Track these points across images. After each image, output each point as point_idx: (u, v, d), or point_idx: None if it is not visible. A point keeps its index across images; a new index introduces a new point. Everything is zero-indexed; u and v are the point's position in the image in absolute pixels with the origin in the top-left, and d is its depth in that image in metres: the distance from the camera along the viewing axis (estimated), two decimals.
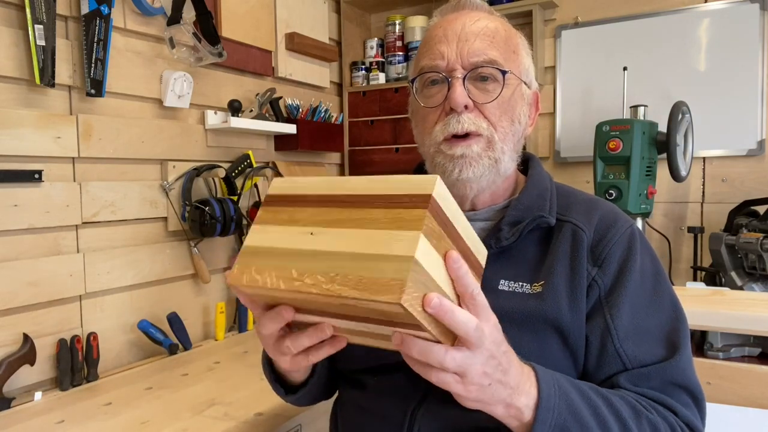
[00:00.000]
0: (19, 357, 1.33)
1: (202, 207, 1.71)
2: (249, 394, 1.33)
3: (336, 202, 0.62)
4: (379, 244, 0.56)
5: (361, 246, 0.57)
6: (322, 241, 0.59)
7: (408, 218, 0.56)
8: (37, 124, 1.39)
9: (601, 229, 0.84)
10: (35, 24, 1.35)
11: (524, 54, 0.89)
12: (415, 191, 0.58)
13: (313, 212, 0.63)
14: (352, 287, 0.54)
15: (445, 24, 0.86)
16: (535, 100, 0.91)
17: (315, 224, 0.61)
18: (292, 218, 0.64)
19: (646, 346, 0.79)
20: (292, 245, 0.61)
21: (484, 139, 0.83)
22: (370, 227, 0.58)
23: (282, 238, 0.62)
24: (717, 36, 2.11)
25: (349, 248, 0.57)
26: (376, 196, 0.60)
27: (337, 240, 0.58)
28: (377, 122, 2.53)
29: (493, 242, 0.83)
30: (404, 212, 0.57)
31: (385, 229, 0.57)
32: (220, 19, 1.88)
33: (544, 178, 0.91)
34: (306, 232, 0.61)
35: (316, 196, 0.64)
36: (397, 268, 0.53)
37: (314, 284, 0.56)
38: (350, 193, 0.62)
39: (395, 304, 0.51)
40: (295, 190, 0.66)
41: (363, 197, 0.61)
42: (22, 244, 1.38)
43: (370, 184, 0.61)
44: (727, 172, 2.12)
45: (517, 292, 0.82)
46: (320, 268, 0.57)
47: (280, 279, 0.59)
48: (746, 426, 1.15)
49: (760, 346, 1.43)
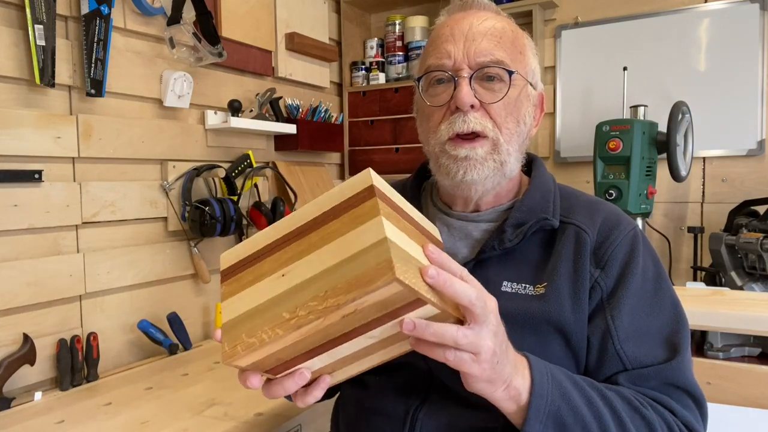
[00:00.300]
0: (19, 357, 1.33)
1: (202, 207, 1.71)
2: (249, 394, 1.33)
3: (291, 238, 0.62)
4: (350, 245, 0.56)
5: (334, 257, 0.57)
6: (297, 274, 0.59)
7: (363, 212, 0.57)
8: (37, 124, 1.39)
9: (604, 231, 0.84)
10: (35, 24, 1.35)
11: (531, 55, 0.88)
12: (357, 189, 0.60)
13: (274, 258, 0.62)
14: (346, 292, 0.54)
15: (452, 23, 0.85)
16: (540, 100, 0.91)
17: (282, 266, 0.61)
18: (256, 276, 0.63)
19: (647, 347, 0.79)
20: (270, 295, 0.60)
21: (489, 141, 0.82)
22: (334, 239, 0.58)
23: (256, 296, 0.62)
24: (717, 36, 2.11)
25: (325, 265, 0.57)
26: (325, 213, 0.61)
27: (310, 266, 0.59)
28: (377, 122, 2.53)
29: (496, 243, 0.83)
30: (357, 210, 0.58)
31: (349, 232, 0.57)
32: (220, 19, 1.88)
33: (547, 179, 0.91)
34: (277, 277, 0.61)
35: (269, 244, 0.64)
36: (377, 253, 0.54)
37: (310, 312, 0.56)
38: (300, 224, 0.62)
39: (392, 282, 0.52)
40: (244, 253, 0.66)
41: (313, 221, 0.61)
42: (22, 244, 1.38)
43: (314, 207, 0.62)
44: (727, 172, 2.13)
45: (520, 294, 0.82)
46: (307, 296, 0.57)
47: (275, 328, 0.58)
48: (746, 426, 1.15)
49: (760, 346, 1.43)
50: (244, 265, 0.65)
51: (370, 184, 0.59)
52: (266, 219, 1.94)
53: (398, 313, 0.58)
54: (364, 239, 0.56)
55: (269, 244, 0.64)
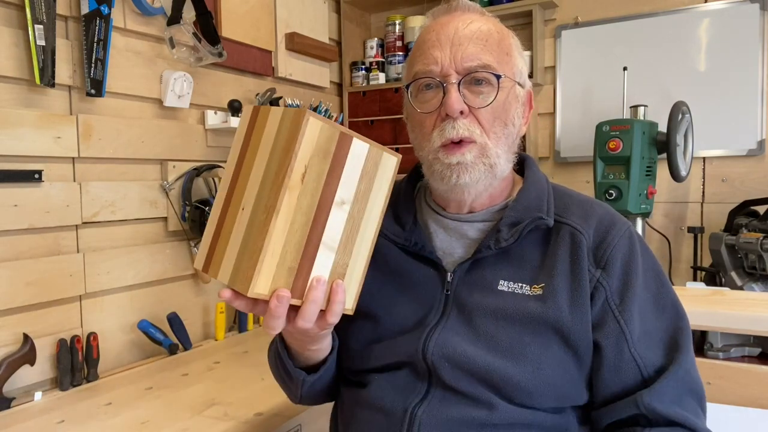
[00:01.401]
0: (19, 357, 1.33)
1: (202, 207, 1.71)
2: (249, 394, 1.33)
3: (233, 186, 0.72)
4: (273, 135, 0.68)
5: (266, 153, 0.67)
6: (250, 193, 0.68)
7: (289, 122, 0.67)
8: (37, 124, 1.39)
9: (600, 231, 0.84)
10: (35, 24, 1.35)
11: (517, 54, 0.88)
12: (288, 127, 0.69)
13: (230, 213, 0.71)
14: (286, 156, 0.64)
15: (437, 27, 0.86)
16: (528, 98, 0.92)
17: (237, 206, 0.69)
18: (224, 236, 0.71)
19: (655, 347, 0.81)
20: (242, 227, 0.67)
21: (477, 146, 0.83)
22: (260, 146, 0.69)
23: (233, 242, 0.69)
24: (717, 36, 2.11)
25: (263, 164, 0.67)
26: (245, 144, 0.72)
27: (255, 178, 0.68)
28: (377, 122, 2.53)
29: (492, 243, 0.84)
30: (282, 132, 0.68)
31: (271, 133, 0.68)
32: (220, 19, 1.88)
33: (540, 179, 0.92)
34: (239, 215, 0.69)
35: (221, 211, 0.72)
36: (293, 115, 0.65)
37: (276, 195, 0.64)
38: (232, 169, 0.73)
39: (308, 120, 0.63)
40: (206, 241, 0.73)
41: (240, 155, 0.72)
42: (22, 244, 1.38)
43: (232, 150, 0.74)
44: (727, 172, 2.12)
45: (517, 293, 0.82)
46: (266, 189, 0.66)
47: (262, 232, 0.64)
48: (746, 426, 1.15)
49: (760, 346, 1.43)
50: (213, 245, 0.71)
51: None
52: None
53: (340, 158, 0.68)
54: (283, 119, 0.66)
55: (222, 210, 0.71)
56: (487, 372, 0.78)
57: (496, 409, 0.78)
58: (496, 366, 0.78)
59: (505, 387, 0.78)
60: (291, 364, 0.88)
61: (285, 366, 0.89)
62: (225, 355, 1.66)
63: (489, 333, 0.81)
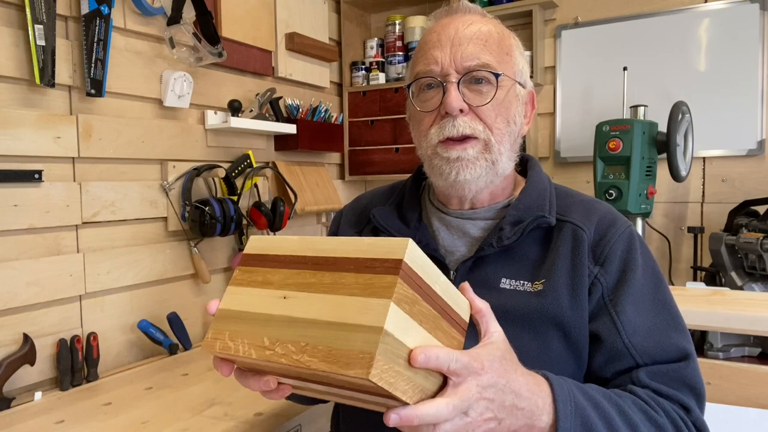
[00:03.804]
0: (19, 357, 1.33)
1: (202, 207, 1.71)
2: (249, 394, 1.33)
3: (309, 264, 0.62)
4: (350, 312, 0.55)
5: (332, 313, 0.56)
6: (295, 306, 0.59)
7: (379, 285, 0.55)
8: (37, 124, 1.39)
9: (601, 228, 0.86)
10: (35, 24, 1.35)
11: (517, 54, 0.89)
12: (386, 255, 0.56)
13: (286, 275, 0.63)
14: (322, 359, 0.53)
15: (438, 29, 0.87)
16: (530, 98, 0.93)
17: (288, 287, 0.61)
18: (266, 280, 0.64)
19: (655, 342, 0.81)
20: (265, 310, 0.61)
21: (480, 142, 0.84)
22: (341, 293, 0.57)
23: (255, 302, 0.63)
24: (717, 36, 2.11)
25: (320, 315, 0.56)
26: (348, 260, 0.59)
27: (309, 305, 0.58)
28: (377, 122, 2.53)
29: (494, 241, 0.84)
30: (375, 278, 0.56)
31: (357, 296, 0.55)
32: (220, 19, 1.88)
33: (543, 178, 0.93)
34: (279, 296, 0.61)
35: (290, 256, 0.64)
36: (367, 340, 0.52)
37: (285, 354, 0.56)
38: (323, 255, 0.61)
39: (364, 379, 0.51)
40: (269, 249, 0.66)
41: (335, 260, 0.60)
42: (22, 244, 1.38)
43: (342, 246, 0.60)
44: (727, 172, 2.12)
45: (518, 291, 0.83)
46: (291, 336, 0.57)
47: (252, 348, 0.59)
48: (746, 426, 1.15)
49: (760, 346, 1.43)
50: (264, 261, 0.66)
51: (399, 259, 0.55)
52: (266, 219, 1.94)
53: (369, 393, 0.56)
54: (365, 315, 0.54)
55: (290, 256, 0.64)
56: None
57: None
58: None
59: None
60: None
61: None
62: None
63: None
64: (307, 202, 2.22)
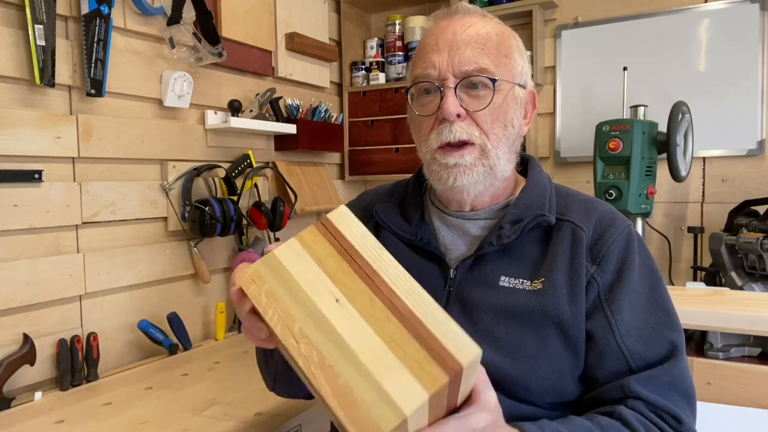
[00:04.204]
0: (19, 357, 1.33)
1: (202, 207, 1.71)
2: (249, 394, 1.33)
3: (378, 290, 0.58)
4: (386, 371, 0.53)
5: (372, 360, 0.54)
6: (343, 320, 0.56)
7: (427, 371, 0.53)
8: (37, 124, 1.39)
9: (599, 228, 0.86)
10: (35, 24, 1.35)
11: (517, 55, 0.89)
12: (453, 351, 0.54)
13: (353, 278, 0.59)
14: (334, 391, 0.52)
15: (437, 32, 0.87)
16: (531, 98, 0.93)
17: (345, 294, 0.58)
18: (331, 267, 0.59)
19: (648, 343, 0.81)
20: (313, 296, 0.58)
21: (477, 148, 0.85)
22: (393, 349, 0.54)
23: (308, 278, 0.59)
24: (717, 36, 2.11)
25: (360, 352, 0.54)
26: (418, 322, 0.55)
27: (356, 332, 0.55)
28: (377, 122, 2.53)
29: (494, 239, 0.85)
30: (427, 362, 0.53)
31: (401, 362, 0.54)
32: (220, 19, 1.88)
33: (543, 178, 0.94)
34: (332, 298, 0.58)
35: (364, 262, 0.59)
36: (386, 415, 0.51)
37: (306, 357, 0.55)
38: (392, 288, 0.57)
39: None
40: (350, 235, 0.61)
41: (406, 312, 0.56)
42: (22, 244, 1.38)
43: (415, 297, 0.57)
44: (727, 172, 2.12)
45: (518, 289, 0.83)
46: (323, 346, 0.55)
47: (280, 323, 0.57)
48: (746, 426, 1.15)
49: (760, 346, 1.43)
50: (338, 241, 0.61)
51: (460, 366, 0.53)
52: (266, 219, 1.94)
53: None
54: (399, 389, 0.52)
55: (367, 263, 0.59)
56: (486, 368, 0.79)
57: None
58: (495, 362, 0.80)
59: (504, 383, 0.79)
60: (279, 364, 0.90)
61: (269, 370, 0.90)
62: (225, 355, 1.66)
63: (489, 329, 0.82)
64: (307, 202, 2.22)
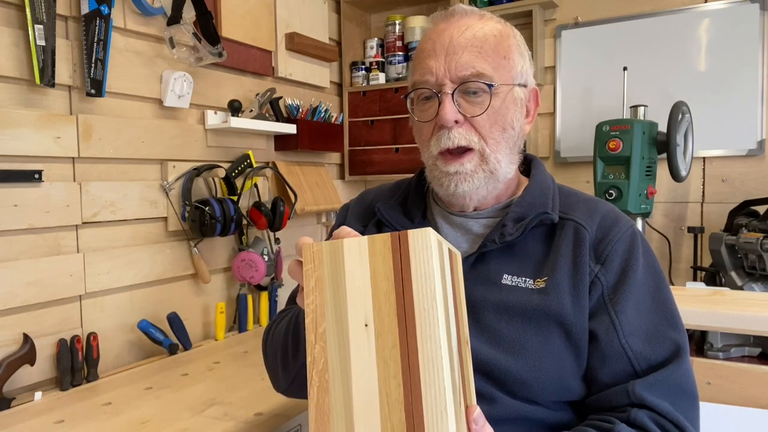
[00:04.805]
0: (19, 357, 1.33)
1: (202, 207, 1.71)
2: (249, 394, 1.33)
3: (405, 340, 0.56)
4: (364, 421, 0.54)
5: (360, 399, 0.55)
6: (361, 344, 0.56)
7: None
8: (37, 124, 1.39)
9: (603, 227, 0.86)
10: (35, 24, 1.35)
11: (517, 55, 0.89)
12: None
13: (390, 312, 0.56)
14: (316, 406, 0.56)
15: (434, 36, 0.87)
16: (533, 95, 0.93)
17: (378, 324, 0.56)
18: (379, 287, 0.57)
19: (652, 343, 0.81)
20: (350, 307, 0.57)
21: (476, 154, 0.85)
22: (382, 401, 0.55)
23: (355, 289, 0.57)
24: (717, 36, 2.11)
25: (356, 384, 0.55)
26: (417, 395, 0.54)
27: (364, 364, 0.56)
28: (377, 122, 2.53)
29: (497, 237, 0.85)
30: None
31: (381, 422, 0.54)
32: (220, 19, 1.88)
33: (546, 177, 0.94)
34: (366, 318, 0.57)
35: (411, 303, 0.56)
36: None
37: (314, 358, 0.57)
38: (418, 352, 0.55)
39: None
40: (415, 267, 0.57)
41: (414, 379, 0.55)
42: (22, 244, 1.38)
43: (431, 370, 0.55)
44: (727, 172, 2.12)
45: (520, 287, 0.83)
46: (332, 357, 0.56)
47: (312, 314, 0.58)
48: (746, 426, 1.15)
49: (760, 346, 1.43)
50: (401, 269, 0.57)
51: None
52: (266, 219, 1.94)
53: None
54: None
55: (410, 306, 0.56)
56: (488, 366, 0.79)
57: (498, 403, 0.79)
58: (498, 360, 0.80)
59: (507, 381, 0.79)
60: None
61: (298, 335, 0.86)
62: (225, 355, 1.66)
63: (492, 327, 0.82)
64: (307, 202, 2.22)
